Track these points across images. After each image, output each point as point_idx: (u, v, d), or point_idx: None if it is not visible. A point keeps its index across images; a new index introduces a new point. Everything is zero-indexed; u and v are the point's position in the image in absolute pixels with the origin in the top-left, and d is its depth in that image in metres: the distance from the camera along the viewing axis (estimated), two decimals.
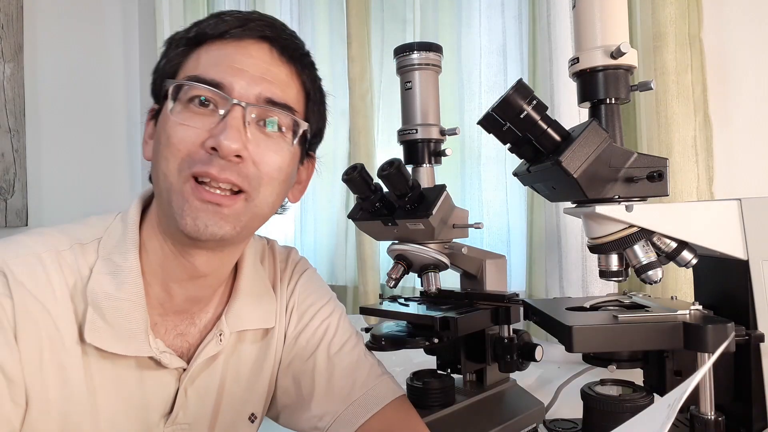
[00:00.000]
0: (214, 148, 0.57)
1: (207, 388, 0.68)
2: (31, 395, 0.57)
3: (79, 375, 0.59)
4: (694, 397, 0.61)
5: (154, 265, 0.64)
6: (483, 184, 1.29)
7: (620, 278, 0.67)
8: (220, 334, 0.68)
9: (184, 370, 0.66)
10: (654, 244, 0.64)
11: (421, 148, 0.92)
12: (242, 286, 0.71)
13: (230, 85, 0.59)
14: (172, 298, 0.66)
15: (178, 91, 0.60)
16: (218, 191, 0.58)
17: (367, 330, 0.88)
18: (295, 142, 0.64)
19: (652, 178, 0.61)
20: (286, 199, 0.70)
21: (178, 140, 0.58)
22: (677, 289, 0.95)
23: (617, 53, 0.63)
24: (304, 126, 0.65)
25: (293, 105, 0.64)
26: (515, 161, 0.73)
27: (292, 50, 0.64)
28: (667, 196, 0.64)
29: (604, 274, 0.68)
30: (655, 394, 0.71)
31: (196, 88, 0.59)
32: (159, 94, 0.64)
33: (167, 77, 0.62)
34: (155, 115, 0.65)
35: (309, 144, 0.69)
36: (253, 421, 0.74)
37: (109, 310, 0.60)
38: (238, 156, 0.58)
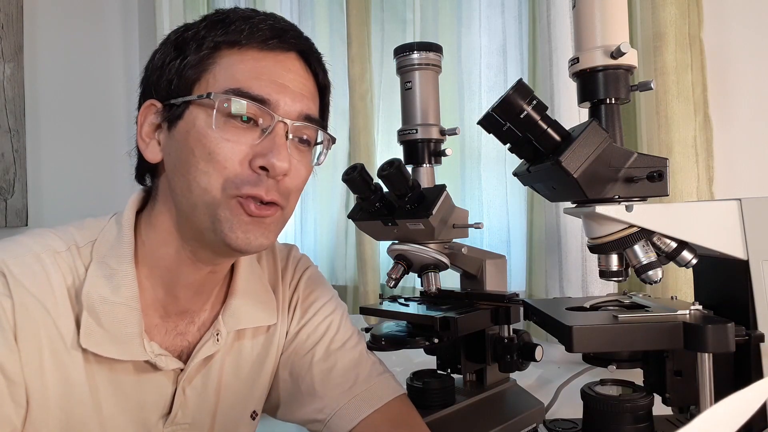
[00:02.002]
0: (263, 167, 0.58)
1: (205, 387, 0.68)
2: (31, 395, 0.57)
3: (80, 374, 0.59)
4: (694, 397, 0.61)
5: (160, 269, 0.64)
6: (483, 184, 1.29)
7: (620, 278, 0.67)
8: (217, 334, 0.68)
9: (182, 370, 0.66)
10: (654, 244, 0.64)
11: (421, 148, 0.92)
12: (238, 285, 0.71)
13: (276, 102, 0.59)
14: (177, 301, 0.66)
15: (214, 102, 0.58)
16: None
17: (367, 330, 0.88)
18: (320, 156, 0.66)
19: (652, 178, 0.61)
20: None
21: (224, 158, 0.58)
22: (677, 289, 0.95)
23: (617, 53, 0.63)
24: (333, 141, 0.66)
25: (320, 118, 0.65)
26: (515, 161, 0.73)
27: (317, 62, 0.66)
28: (667, 196, 0.63)
29: (604, 274, 0.68)
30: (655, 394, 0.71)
31: (242, 103, 0.58)
32: (168, 94, 0.61)
33: (188, 79, 0.60)
34: (169, 117, 0.62)
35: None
36: (254, 418, 0.75)
37: (105, 314, 0.60)
38: (284, 174, 0.59)
